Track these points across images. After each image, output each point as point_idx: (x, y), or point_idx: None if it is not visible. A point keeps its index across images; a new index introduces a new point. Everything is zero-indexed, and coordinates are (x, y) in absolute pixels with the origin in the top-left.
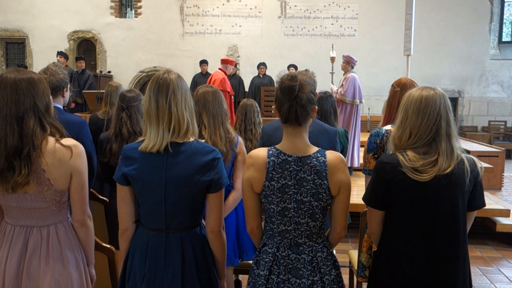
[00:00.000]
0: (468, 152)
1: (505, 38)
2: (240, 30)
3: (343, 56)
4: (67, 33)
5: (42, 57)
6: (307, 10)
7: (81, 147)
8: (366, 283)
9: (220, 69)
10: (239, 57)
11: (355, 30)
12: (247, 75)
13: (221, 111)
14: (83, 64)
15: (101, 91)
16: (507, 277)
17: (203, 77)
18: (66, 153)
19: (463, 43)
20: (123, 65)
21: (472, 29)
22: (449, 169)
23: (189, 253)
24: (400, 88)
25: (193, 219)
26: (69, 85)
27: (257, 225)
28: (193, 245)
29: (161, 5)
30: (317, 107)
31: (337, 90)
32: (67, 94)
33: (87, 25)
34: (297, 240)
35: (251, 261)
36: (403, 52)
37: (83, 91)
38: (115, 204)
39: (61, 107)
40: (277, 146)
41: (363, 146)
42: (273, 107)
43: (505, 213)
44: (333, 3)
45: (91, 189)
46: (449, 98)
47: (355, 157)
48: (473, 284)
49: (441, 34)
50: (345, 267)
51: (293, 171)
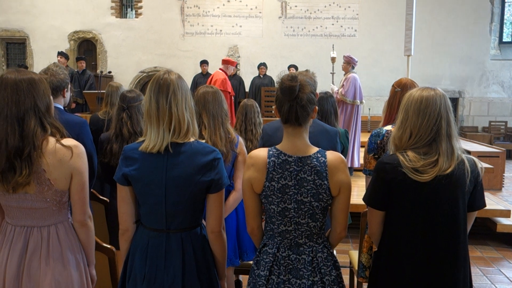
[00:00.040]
0: (468, 152)
1: (505, 38)
2: (240, 30)
3: (344, 56)
4: (68, 33)
5: (42, 57)
6: (307, 10)
7: (81, 147)
8: (366, 284)
9: (221, 69)
10: (239, 57)
11: (355, 30)
12: (248, 76)
13: (221, 111)
14: (83, 64)
15: (102, 91)
16: (507, 278)
17: (203, 78)
18: (66, 153)
19: (464, 43)
20: (123, 65)
21: (472, 30)
22: (450, 170)
23: (190, 253)
24: (400, 88)
25: (194, 219)
26: (69, 85)
27: (257, 225)
28: (193, 246)
29: (162, 5)
30: (317, 108)
31: (338, 90)
32: (68, 94)
33: (87, 26)
34: (298, 240)
35: (251, 262)
36: (403, 52)
37: (84, 91)
38: (115, 204)
39: (62, 107)
40: (277, 146)
41: (363, 146)
42: (273, 107)
43: (506, 214)
44: (334, 3)
45: (92, 189)
46: (450, 98)
47: (355, 157)
48: (473, 284)
49: (441, 34)
50: (345, 267)
51: (293, 171)
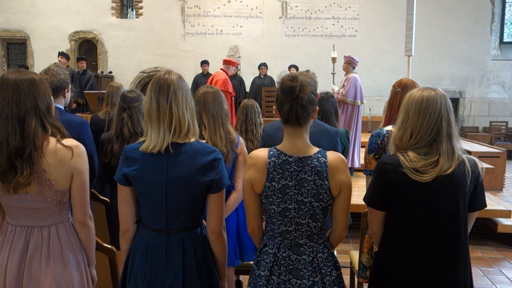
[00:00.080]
0: (469, 152)
1: (506, 38)
2: (241, 30)
3: (345, 56)
4: (68, 33)
5: (43, 57)
6: (308, 10)
7: (82, 148)
8: (367, 284)
9: (222, 69)
10: (240, 57)
11: (356, 30)
12: (248, 76)
13: (221, 111)
14: (84, 64)
15: (102, 91)
16: (508, 278)
17: (204, 78)
18: (67, 154)
19: (464, 43)
20: (124, 66)
21: (473, 30)
22: (450, 170)
23: (190, 253)
24: (401, 88)
25: (194, 219)
26: (70, 86)
27: (257, 225)
28: (194, 246)
29: (162, 5)
30: (318, 108)
31: (339, 90)
32: (68, 94)
33: (88, 26)
34: (298, 240)
35: (252, 262)
36: (404, 52)
37: (84, 92)
38: (116, 204)
39: (62, 108)
40: (277, 146)
41: (364, 146)
42: (274, 107)
43: (506, 214)
44: (334, 3)
45: (92, 190)
46: (450, 98)
47: (356, 157)
48: (474, 284)
49: (442, 34)
50: (346, 267)
51: (293, 171)
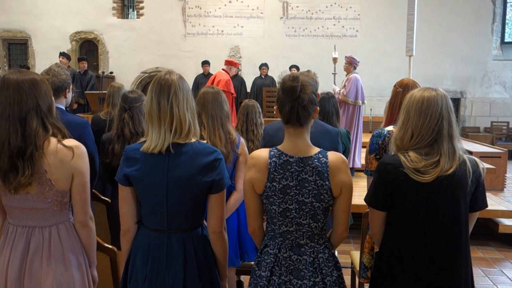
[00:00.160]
0: (470, 153)
1: (507, 38)
2: (242, 31)
3: (346, 57)
4: (70, 34)
5: (44, 57)
6: (309, 11)
7: (83, 148)
8: (368, 284)
9: (223, 70)
10: (241, 57)
11: (357, 30)
12: (249, 76)
13: (220, 112)
14: (85, 65)
15: (103, 92)
16: (509, 278)
17: (205, 78)
18: (67, 154)
19: (465, 43)
20: (125, 66)
21: (474, 30)
22: (451, 170)
23: (191, 253)
24: (402, 88)
25: (195, 219)
26: (71, 86)
27: (258, 226)
28: (194, 246)
29: (163, 6)
30: (318, 108)
31: (340, 91)
32: (69, 95)
33: (89, 26)
34: (299, 241)
35: (252, 262)
36: (405, 52)
37: (85, 92)
38: (117, 204)
39: (63, 108)
40: (278, 147)
41: (365, 147)
42: (274, 107)
43: (508, 214)
44: (335, 3)
45: (93, 190)
46: (451, 98)
47: (357, 158)
48: (475, 285)
49: (443, 34)
50: (347, 268)
51: (294, 172)
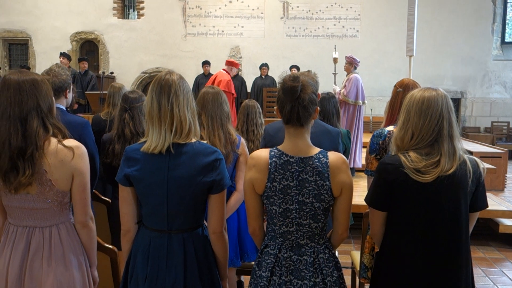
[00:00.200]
0: (470, 153)
1: (508, 38)
2: (242, 31)
3: (346, 57)
4: (70, 34)
5: (45, 58)
6: (309, 11)
7: (83, 148)
8: (368, 284)
9: (224, 70)
10: (241, 58)
11: (357, 31)
12: (249, 76)
13: (220, 112)
14: (86, 65)
15: (104, 92)
16: (509, 279)
17: (205, 78)
18: (68, 154)
19: (466, 43)
20: (125, 66)
21: (474, 30)
22: (452, 170)
23: (191, 254)
24: (402, 88)
25: (195, 220)
26: (71, 86)
27: (259, 226)
28: (195, 246)
29: (164, 6)
30: (319, 108)
31: (340, 91)
32: (70, 95)
33: (89, 26)
34: (299, 241)
35: (252, 262)
36: (405, 53)
37: (86, 92)
38: (117, 205)
39: (64, 108)
40: (279, 147)
41: (365, 147)
42: (275, 108)
43: (508, 214)
44: (335, 3)
45: (94, 190)
46: (452, 99)
47: (357, 158)
48: (475, 285)
49: (443, 34)
50: (347, 268)
51: (295, 172)
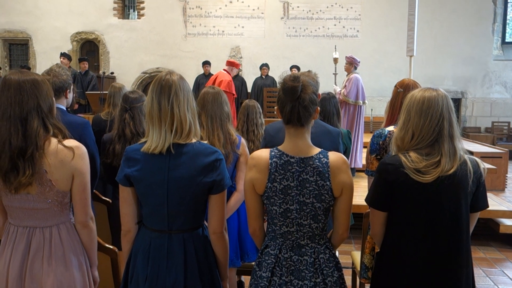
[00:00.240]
0: (471, 153)
1: (508, 38)
2: (242, 31)
3: (346, 57)
4: (70, 34)
5: (45, 58)
6: (309, 11)
7: (83, 148)
8: (369, 285)
9: (225, 70)
10: (241, 58)
11: (357, 31)
12: (250, 76)
13: (220, 112)
14: (86, 65)
15: (104, 92)
16: (510, 279)
17: (205, 78)
18: (68, 154)
19: (466, 44)
20: (126, 66)
21: (475, 30)
22: (452, 170)
23: (192, 254)
24: (403, 89)
25: (196, 220)
26: (72, 86)
27: (259, 226)
28: (195, 246)
29: (164, 6)
30: (319, 108)
31: (340, 91)
32: (70, 95)
33: (90, 27)
34: (300, 241)
35: (252, 263)
36: (406, 53)
37: (86, 92)
38: (118, 205)
39: (64, 108)
40: (279, 147)
41: (366, 147)
42: (275, 108)
43: (509, 214)
44: (336, 4)
45: (94, 190)
46: (452, 99)
47: (358, 158)
48: (476, 285)
49: (444, 35)
50: (347, 268)
51: (295, 172)
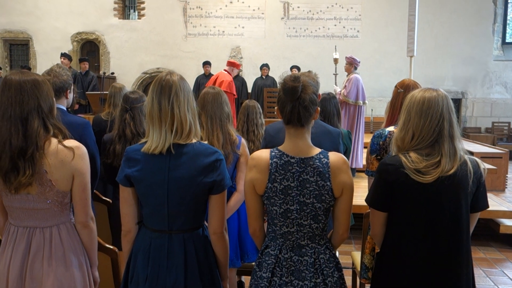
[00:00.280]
0: (471, 153)
1: (508, 39)
2: (243, 31)
3: (346, 57)
4: (71, 34)
5: (46, 58)
6: (310, 11)
7: (83, 149)
8: (369, 285)
9: (225, 71)
10: (242, 58)
11: (358, 31)
12: (250, 76)
13: (220, 113)
14: (86, 65)
15: (105, 92)
16: (510, 279)
17: (206, 79)
18: (68, 154)
19: (467, 44)
20: (126, 67)
21: (475, 30)
22: (452, 171)
23: (192, 254)
24: (403, 89)
25: (196, 220)
26: (72, 87)
27: (259, 227)
28: (195, 246)
29: (164, 6)
30: (319, 108)
31: (340, 91)
32: (71, 95)
33: (90, 27)
34: (300, 242)
35: (253, 263)
36: (406, 53)
37: (87, 93)
38: (118, 205)
39: (65, 109)
40: (279, 147)
41: (366, 147)
42: (275, 108)
43: (509, 215)
44: (336, 4)
45: (95, 190)
46: (453, 99)
47: (359, 158)
48: (476, 286)
49: (444, 35)
50: (348, 268)
51: (295, 172)
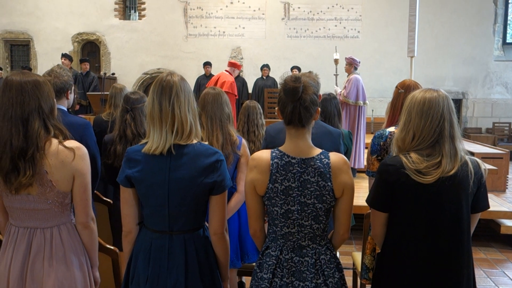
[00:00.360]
0: (472, 153)
1: (509, 39)
2: (243, 32)
3: (346, 58)
4: (72, 35)
5: (46, 59)
6: (310, 11)
7: (84, 149)
8: (369, 285)
9: (226, 71)
10: (242, 58)
11: (358, 31)
12: (251, 77)
13: (220, 113)
14: (87, 66)
15: (105, 93)
16: (511, 280)
17: (206, 79)
18: (68, 155)
19: (467, 44)
20: (127, 67)
21: (476, 31)
22: (453, 171)
23: (192, 255)
24: (404, 89)
25: (196, 221)
26: (73, 87)
27: (260, 227)
28: (196, 247)
29: (165, 7)
30: (320, 109)
31: (340, 92)
32: (71, 96)
33: (91, 27)
34: (301, 242)
35: (253, 263)
36: (406, 53)
37: (88, 93)
38: (119, 206)
39: (65, 109)
40: (280, 148)
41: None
42: (276, 108)
43: (510, 215)
44: (337, 4)
45: (95, 191)
46: (453, 99)
47: (360, 158)
48: (477, 286)
49: (445, 35)
50: (348, 269)
51: (296, 173)
